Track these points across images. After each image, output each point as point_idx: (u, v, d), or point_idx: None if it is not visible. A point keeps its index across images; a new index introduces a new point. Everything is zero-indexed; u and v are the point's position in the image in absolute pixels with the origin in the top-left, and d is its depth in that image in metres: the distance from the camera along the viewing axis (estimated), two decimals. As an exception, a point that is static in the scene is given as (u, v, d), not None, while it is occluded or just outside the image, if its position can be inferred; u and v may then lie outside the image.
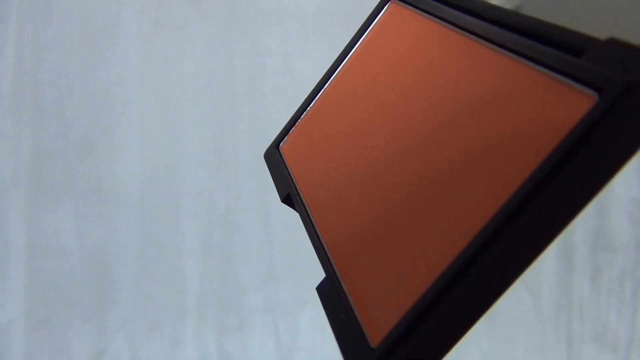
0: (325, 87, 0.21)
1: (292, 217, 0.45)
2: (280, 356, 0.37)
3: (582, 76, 0.10)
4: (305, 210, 0.18)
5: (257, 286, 0.38)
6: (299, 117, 0.21)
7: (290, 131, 0.21)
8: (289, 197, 0.19)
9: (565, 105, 0.10)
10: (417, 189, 0.14)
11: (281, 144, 0.21)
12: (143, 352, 0.38)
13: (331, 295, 0.15)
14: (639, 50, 0.09)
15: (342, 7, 0.40)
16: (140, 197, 0.40)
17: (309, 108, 0.21)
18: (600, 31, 0.12)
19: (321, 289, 0.15)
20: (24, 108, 0.42)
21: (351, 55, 0.20)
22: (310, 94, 0.21)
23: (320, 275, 0.16)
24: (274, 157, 0.21)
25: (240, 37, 0.41)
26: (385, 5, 0.19)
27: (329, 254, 0.16)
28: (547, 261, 0.39)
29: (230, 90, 0.41)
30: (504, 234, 0.10)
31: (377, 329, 0.13)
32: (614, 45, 0.10)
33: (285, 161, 0.20)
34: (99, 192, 0.40)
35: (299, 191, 0.19)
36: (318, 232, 0.17)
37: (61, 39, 0.43)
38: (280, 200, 0.19)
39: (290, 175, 0.19)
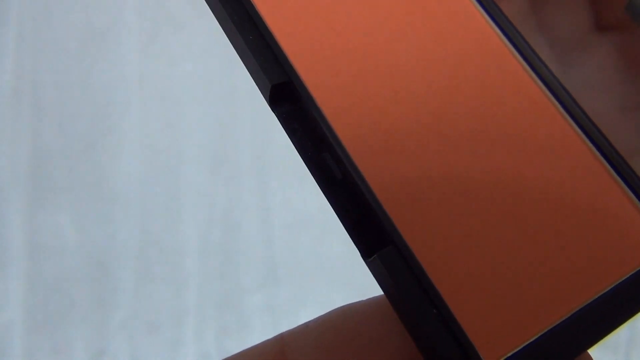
0: None
1: (292, 217, 0.45)
2: (280, 356, 0.37)
3: None
4: (325, 119, 0.13)
5: (257, 286, 0.38)
6: None
7: None
8: (285, 87, 0.13)
9: None
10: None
11: None
12: (143, 352, 0.37)
13: (405, 272, 0.11)
14: None
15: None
16: (140, 197, 0.40)
17: None
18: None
19: (386, 258, 0.11)
20: (24, 108, 0.42)
21: None
22: None
23: (320, 276, 0.14)
24: (239, 2, 0.14)
25: (240, 37, 0.41)
26: None
27: (389, 213, 0.12)
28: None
29: (230, 90, 0.41)
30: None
31: (490, 342, 0.11)
32: None
33: (265, 21, 0.14)
34: (99, 192, 0.40)
35: (305, 83, 0.13)
36: (356, 165, 0.12)
37: (61, 39, 0.43)
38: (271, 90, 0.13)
39: (282, 50, 0.13)
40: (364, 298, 0.14)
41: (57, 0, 0.44)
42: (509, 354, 0.11)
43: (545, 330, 0.11)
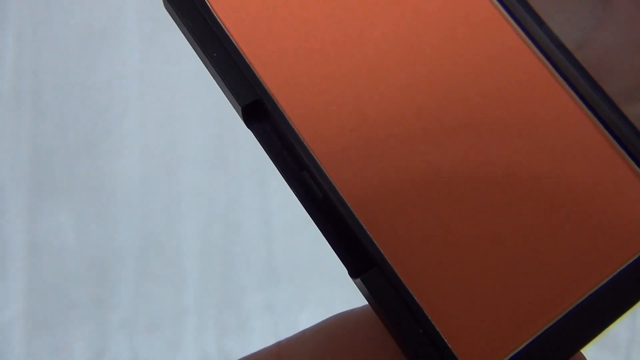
0: None
1: (292, 217, 0.45)
2: (280, 356, 0.37)
3: None
4: (298, 138, 0.12)
5: (257, 286, 0.38)
6: None
7: None
8: (256, 105, 0.12)
9: None
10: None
11: None
12: (143, 352, 0.38)
13: (389, 294, 0.11)
14: None
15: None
16: (140, 197, 0.40)
17: None
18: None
19: (370, 282, 0.11)
20: (24, 108, 0.42)
21: None
22: None
23: (320, 276, 0.14)
24: (195, 8, 0.13)
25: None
26: None
27: (370, 234, 0.11)
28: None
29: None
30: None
31: (477, 357, 0.10)
32: None
33: (228, 33, 0.13)
34: (99, 192, 0.40)
35: (276, 100, 0.12)
36: (334, 185, 0.12)
37: (61, 39, 0.43)
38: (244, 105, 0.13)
39: (249, 66, 0.13)
40: (364, 297, 0.14)
41: (57, 0, 0.44)
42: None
43: (535, 335, 0.11)
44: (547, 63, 0.13)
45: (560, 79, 0.13)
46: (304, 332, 0.15)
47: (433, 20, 0.13)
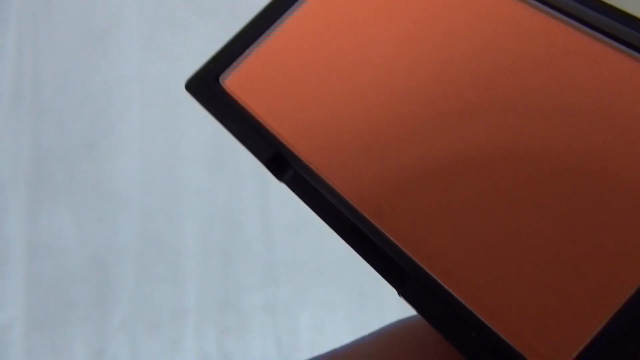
0: (289, 13, 0.15)
1: (292, 217, 0.45)
2: (281, 356, 0.37)
3: None
4: (316, 176, 0.13)
5: (257, 286, 0.38)
6: (246, 47, 0.15)
7: (234, 64, 0.15)
8: (277, 158, 0.14)
9: None
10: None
11: (222, 77, 0.15)
12: (143, 352, 0.37)
13: (430, 304, 0.10)
14: None
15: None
16: (140, 197, 0.40)
17: (262, 37, 0.15)
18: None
19: (408, 295, 0.11)
20: (24, 108, 0.42)
21: None
22: (257, 18, 0.15)
23: (320, 276, 0.14)
24: (213, 93, 0.15)
25: (240, 37, 0.41)
26: None
27: (400, 246, 0.11)
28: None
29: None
30: None
31: (542, 350, 0.09)
32: None
33: (243, 105, 0.15)
34: (99, 192, 0.40)
35: (292, 149, 0.13)
36: (359, 210, 0.12)
37: (61, 39, 0.43)
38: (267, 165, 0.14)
39: (264, 127, 0.14)
40: (364, 298, 0.14)
41: (57, 0, 0.44)
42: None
43: (604, 324, 0.09)
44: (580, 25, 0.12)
45: (602, 37, 0.11)
46: (363, 338, 0.15)
47: (435, 17, 0.13)
